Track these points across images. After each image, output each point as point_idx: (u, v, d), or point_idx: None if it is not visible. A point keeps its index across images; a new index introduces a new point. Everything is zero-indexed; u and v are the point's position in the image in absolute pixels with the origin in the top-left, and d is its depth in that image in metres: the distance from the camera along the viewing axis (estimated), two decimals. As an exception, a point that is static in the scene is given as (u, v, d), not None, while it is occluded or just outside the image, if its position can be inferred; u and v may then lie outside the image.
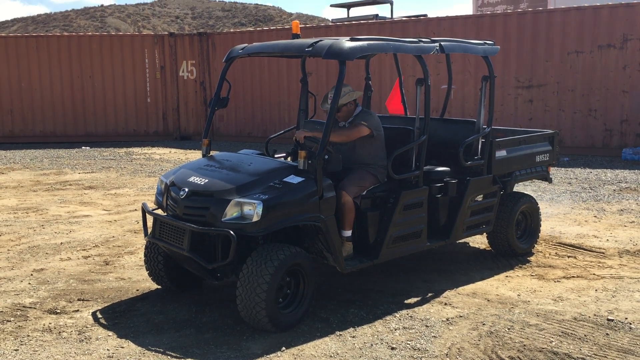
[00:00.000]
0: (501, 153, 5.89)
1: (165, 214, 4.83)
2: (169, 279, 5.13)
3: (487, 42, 5.95)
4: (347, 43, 4.67)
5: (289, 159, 5.63)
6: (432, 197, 5.36)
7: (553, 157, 6.52)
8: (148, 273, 5.23)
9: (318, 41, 4.77)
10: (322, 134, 4.58)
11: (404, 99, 6.83)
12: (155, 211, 4.96)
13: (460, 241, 6.39)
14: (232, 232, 4.22)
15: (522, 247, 6.12)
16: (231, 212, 4.34)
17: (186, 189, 4.59)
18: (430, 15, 16.67)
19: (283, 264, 4.28)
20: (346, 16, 21.98)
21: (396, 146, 5.14)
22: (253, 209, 4.27)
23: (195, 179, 4.67)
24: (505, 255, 6.10)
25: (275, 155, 5.50)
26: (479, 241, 6.59)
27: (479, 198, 5.73)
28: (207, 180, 4.62)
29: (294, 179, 4.48)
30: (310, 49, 4.72)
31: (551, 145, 6.49)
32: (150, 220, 4.94)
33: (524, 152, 6.17)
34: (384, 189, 5.09)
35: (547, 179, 6.56)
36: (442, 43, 5.33)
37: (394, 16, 19.63)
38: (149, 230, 4.98)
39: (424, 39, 5.32)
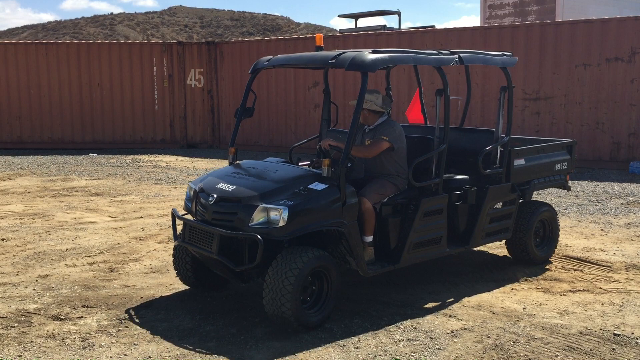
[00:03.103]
0: (520, 162, 5.97)
1: (194, 219, 4.98)
2: (196, 280, 5.29)
3: (506, 53, 6.02)
4: (369, 55, 4.81)
5: (312, 167, 5.69)
6: (452, 205, 5.46)
7: (571, 165, 6.58)
8: (176, 273, 5.39)
9: (341, 53, 4.92)
10: (344, 142, 4.75)
11: (424, 108, 6.94)
12: (185, 216, 5.11)
13: (473, 249, 6.36)
14: (259, 237, 4.37)
15: (540, 255, 6.18)
16: (258, 217, 4.50)
17: (215, 195, 4.76)
18: (438, 26, 16.69)
19: (307, 266, 4.43)
20: (354, 26, 22.07)
21: (416, 154, 5.29)
22: (279, 215, 4.43)
23: (223, 186, 4.84)
24: (523, 263, 6.15)
25: (299, 164, 5.60)
26: (485, 253, 6.56)
27: (498, 206, 5.81)
28: (234, 187, 4.78)
29: (318, 186, 4.64)
30: (333, 60, 4.89)
31: (569, 154, 6.56)
32: (179, 225, 5.11)
33: (542, 161, 6.24)
34: (404, 196, 5.21)
35: (565, 187, 6.63)
36: (461, 55, 5.43)
37: (401, 27, 19.69)
38: (178, 234, 5.14)
39: (443, 51, 5.43)
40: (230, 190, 4.76)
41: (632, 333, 4.53)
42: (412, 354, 4.20)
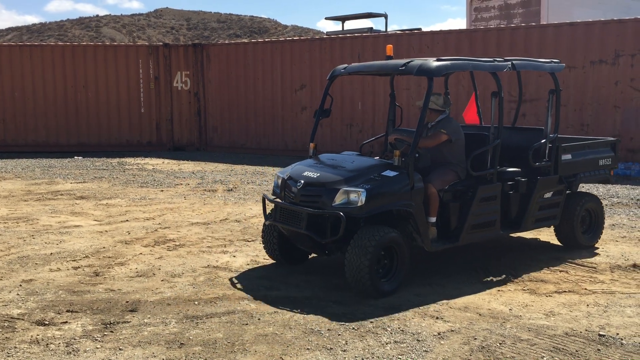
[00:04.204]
0: (567, 156, 6.66)
1: (282, 202, 5.76)
2: (280, 254, 6.14)
3: (554, 60, 6.76)
4: (434, 63, 5.57)
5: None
6: (505, 193, 6.18)
7: (615, 162, 7.20)
8: (264, 247, 6.24)
9: (409, 62, 5.71)
10: (409, 137, 5.70)
11: (479, 110, 7.52)
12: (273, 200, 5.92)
13: (459, 250, 6.38)
14: (341, 214, 5.16)
15: (587, 241, 6.85)
16: (340, 198, 5.30)
17: (302, 181, 5.60)
18: (424, 29, 16.76)
19: (381, 241, 5.17)
20: (341, 29, 22.11)
21: (474, 149, 6.05)
22: (358, 196, 5.22)
23: (309, 173, 5.67)
24: (571, 248, 6.76)
25: (373, 157, 6.32)
26: (471, 254, 6.58)
27: (547, 195, 6.48)
28: (319, 174, 5.62)
29: (390, 173, 5.43)
30: (403, 68, 5.68)
31: (613, 151, 7.19)
32: (268, 207, 6.03)
33: (587, 157, 6.91)
34: (464, 185, 5.94)
35: (609, 181, 7.33)
36: (513, 62, 6.17)
37: (388, 30, 19.75)
38: (268, 215, 5.95)
39: (498, 59, 6.19)
40: (315, 177, 5.59)
41: (617, 334, 4.56)
42: (399, 356, 4.20)
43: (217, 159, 15.50)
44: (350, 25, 24.34)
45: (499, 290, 5.54)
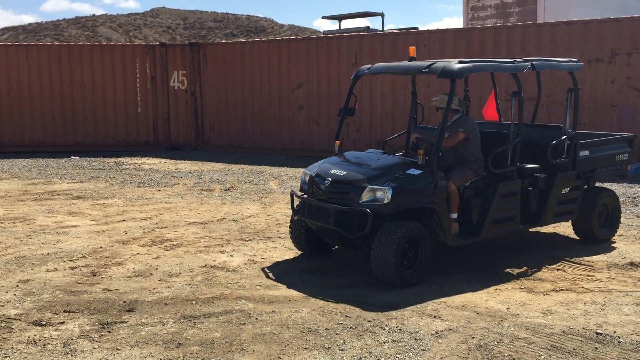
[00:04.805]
0: (584, 153, 6.81)
1: (310, 198, 6.00)
2: (307, 246, 6.44)
3: (572, 59, 7.00)
4: (457, 65, 5.79)
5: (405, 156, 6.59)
6: (525, 189, 6.35)
7: (632, 157, 7.36)
8: (292, 240, 6.57)
9: (433, 63, 5.94)
10: (431, 136, 6.03)
11: (499, 108, 7.73)
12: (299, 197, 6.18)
13: (458, 250, 6.39)
14: (368, 211, 5.39)
15: (604, 234, 7.04)
16: (366, 196, 5.55)
17: (329, 179, 5.83)
18: (421, 28, 16.76)
19: (406, 235, 5.43)
20: (338, 28, 22.10)
21: (493, 147, 6.25)
22: (384, 194, 5.48)
23: (336, 172, 5.90)
24: (589, 242, 6.94)
25: (396, 154, 6.59)
26: (468, 254, 6.59)
27: (565, 190, 6.65)
28: (345, 172, 5.84)
29: (414, 172, 5.65)
30: (427, 69, 5.91)
31: (630, 146, 7.33)
32: (296, 203, 6.29)
33: (605, 152, 7.07)
34: (484, 181, 6.13)
35: (626, 176, 7.54)
36: (533, 62, 6.36)
37: (385, 28, 19.74)
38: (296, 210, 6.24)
39: (518, 59, 6.42)
40: (342, 175, 5.82)
41: (614, 332, 4.57)
42: (397, 355, 4.20)
43: (214, 158, 15.48)
44: (347, 24, 24.30)
45: (496, 289, 5.54)
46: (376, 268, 5.47)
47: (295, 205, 6.34)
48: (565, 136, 6.65)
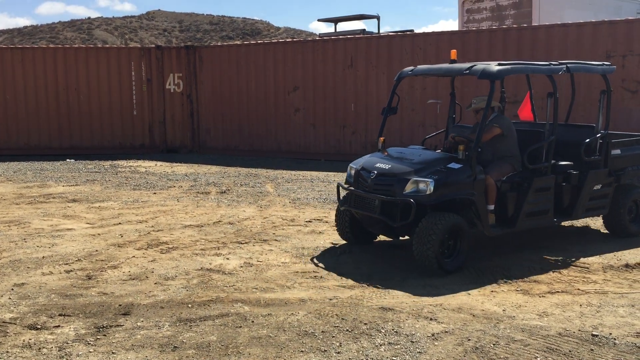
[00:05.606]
0: (616, 151, 7.16)
1: (357, 190, 6.37)
2: (351, 235, 6.88)
3: (605, 63, 7.42)
4: (496, 67, 6.16)
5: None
6: (558, 185, 6.70)
7: None
8: (337, 229, 7.01)
9: (473, 65, 6.32)
10: (467, 134, 6.42)
11: (534, 108, 8.04)
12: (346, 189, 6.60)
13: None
14: (412, 201, 5.79)
15: (634, 230, 7.36)
16: (410, 187, 5.94)
17: (375, 172, 6.25)
18: (416, 31, 16.79)
19: (446, 225, 5.78)
20: (333, 30, 22.11)
21: (529, 144, 6.62)
22: (427, 186, 5.86)
23: (381, 165, 6.32)
24: (619, 236, 7.26)
25: (436, 150, 6.97)
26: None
27: (597, 187, 6.97)
28: (390, 165, 6.25)
29: (454, 165, 6.03)
30: (467, 71, 6.30)
31: None
32: (342, 194, 6.72)
33: (636, 152, 7.40)
34: (520, 176, 6.47)
35: None
36: (568, 65, 6.72)
37: (380, 31, 19.77)
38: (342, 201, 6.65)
39: (553, 62, 6.75)
40: (387, 168, 6.23)
41: (610, 334, 4.58)
42: (394, 358, 4.19)
43: (210, 161, 15.47)
44: (342, 27, 24.33)
45: (492, 291, 5.55)
46: (417, 255, 5.83)
47: (341, 197, 6.71)
48: (598, 135, 6.99)
